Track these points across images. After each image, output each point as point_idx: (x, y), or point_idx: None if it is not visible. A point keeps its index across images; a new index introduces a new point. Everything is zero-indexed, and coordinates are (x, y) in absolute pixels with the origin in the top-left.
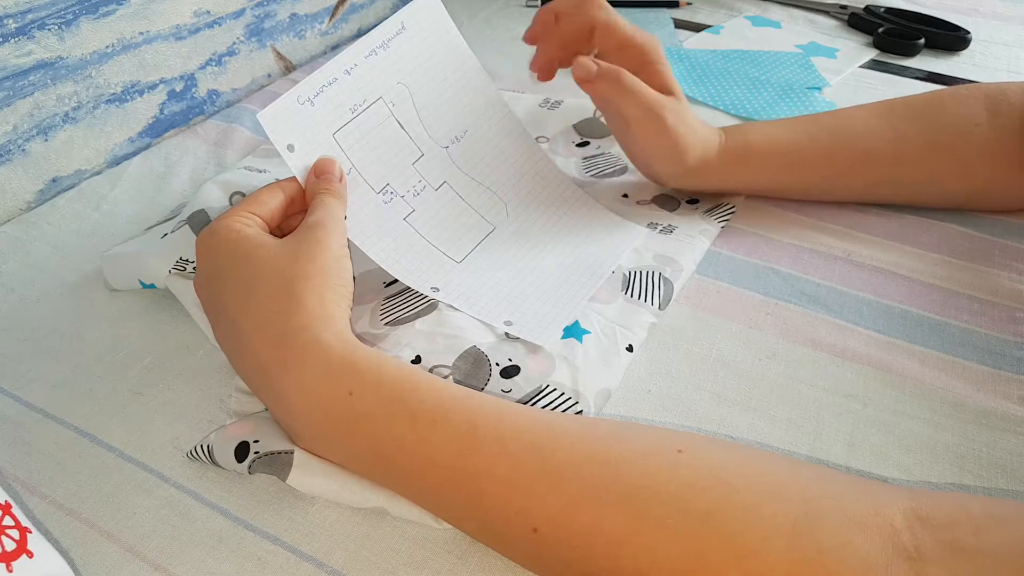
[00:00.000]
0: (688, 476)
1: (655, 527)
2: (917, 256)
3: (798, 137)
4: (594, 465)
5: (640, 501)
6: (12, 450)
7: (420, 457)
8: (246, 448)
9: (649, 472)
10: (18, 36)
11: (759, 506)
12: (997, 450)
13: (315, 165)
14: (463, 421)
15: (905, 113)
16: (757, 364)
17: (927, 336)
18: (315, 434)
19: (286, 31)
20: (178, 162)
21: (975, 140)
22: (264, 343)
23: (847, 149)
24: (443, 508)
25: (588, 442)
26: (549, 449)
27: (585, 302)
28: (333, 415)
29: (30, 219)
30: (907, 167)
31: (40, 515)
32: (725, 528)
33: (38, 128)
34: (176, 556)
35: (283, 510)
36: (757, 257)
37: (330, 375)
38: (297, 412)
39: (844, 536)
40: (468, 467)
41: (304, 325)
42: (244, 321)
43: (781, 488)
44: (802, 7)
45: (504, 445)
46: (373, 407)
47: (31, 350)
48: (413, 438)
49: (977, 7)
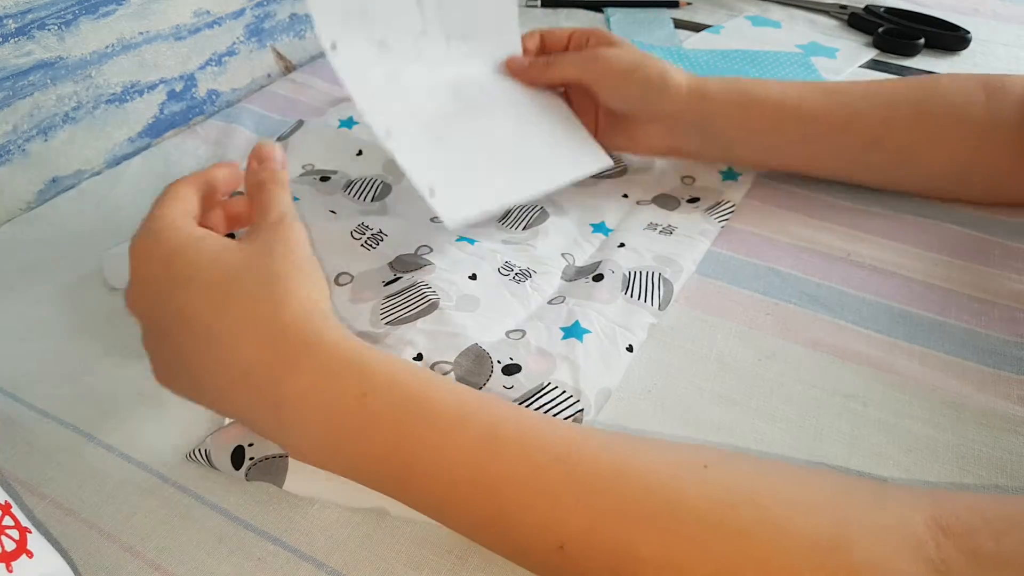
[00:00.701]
0: (717, 492)
1: (687, 546)
2: (917, 256)
3: (791, 92)
4: (622, 478)
5: (671, 518)
6: (12, 450)
7: (438, 463)
8: (241, 453)
9: (678, 488)
10: (18, 36)
11: (790, 521)
12: (997, 450)
13: (256, 150)
14: (485, 425)
15: (900, 85)
16: (757, 364)
17: (927, 336)
18: (317, 443)
19: (286, 31)
20: (178, 162)
21: (967, 114)
22: (254, 345)
23: (839, 106)
24: (460, 519)
25: (613, 454)
26: (574, 460)
27: (515, 200)
28: (340, 419)
29: (30, 219)
30: (897, 131)
31: (40, 515)
32: (757, 546)
33: (38, 128)
34: (176, 556)
35: (283, 510)
36: (757, 257)
37: (338, 374)
38: (297, 418)
39: (875, 551)
40: (490, 473)
41: (301, 321)
42: (223, 326)
43: (809, 502)
44: (802, 7)
45: (527, 452)
46: (387, 409)
47: (31, 350)
48: (432, 441)
49: (977, 7)
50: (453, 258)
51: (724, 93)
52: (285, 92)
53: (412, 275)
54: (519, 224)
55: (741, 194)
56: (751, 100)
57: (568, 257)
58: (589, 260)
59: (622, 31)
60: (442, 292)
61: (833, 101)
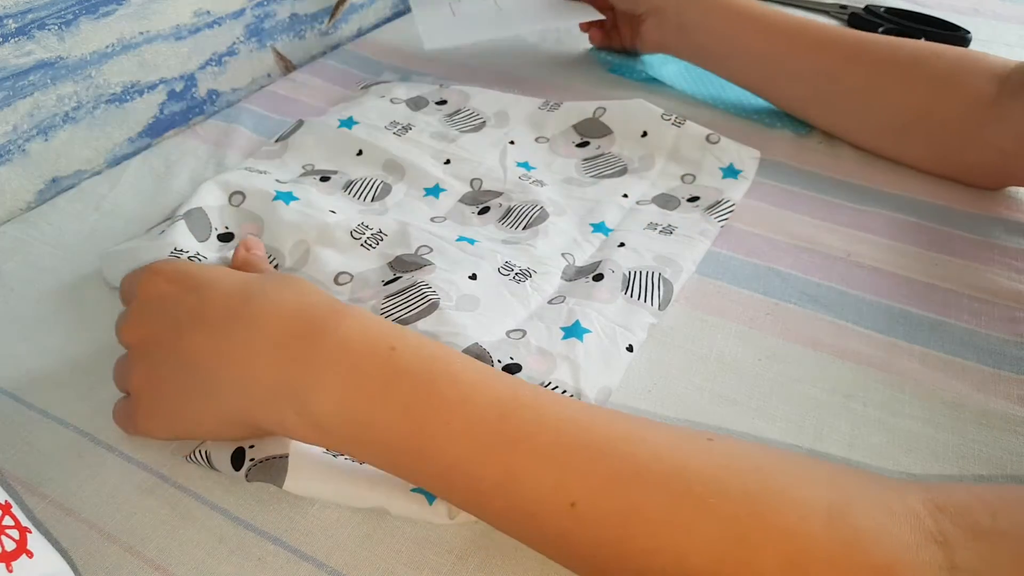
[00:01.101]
0: (723, 459)
1: (694, 507)
2: (917, 256)
3: (771, 9)
4: (632, 444)
5: (680, 481)
6: (12, 450)
7: (459, 418)
8: (242, 454)
9: (686, 455)
10: (18, 36)
11: (794, 489)
12: (997, 450)
13: (244, 241)
14: (505, 388)
15: (878, 36)
16: (757, 364)
17: (927, 336)
18: (339, 404)
19: (286, 31)
20: (178, 162)
21: (932, 66)
22: (286, 318)
23: (811, 30)
24: (471, 484)
25: (624, 423)
26: (587, 423)
27: (491, 36)
28: (368, 370)
29: (30, 219)
30: (860, 66)
31: (40, 515)
32: (763, 509)
33: (38, 128)
34: (176, 556)
35: (283, 510)
36: (757, 257)
37: (370, 329)
38: (326, 377)
39: (876, 519)
40: (508, 433)
41: (328, 297)
42: (250, 309)
43: (811, 474)
44: (802, 7)
45: (543, 415)
46: (414, 362)
47: (31, 350)
48: (454, 397)
49: (977, 7)
50: (453, 258)
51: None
52: (285, 92)
53: (412, 275)
54: (519, 224)
55: (741, 193)
56: (725, 4)
57: (568, 257)
58: (589, 260)
59: None
60: (442, 292)
61: (804, 26)
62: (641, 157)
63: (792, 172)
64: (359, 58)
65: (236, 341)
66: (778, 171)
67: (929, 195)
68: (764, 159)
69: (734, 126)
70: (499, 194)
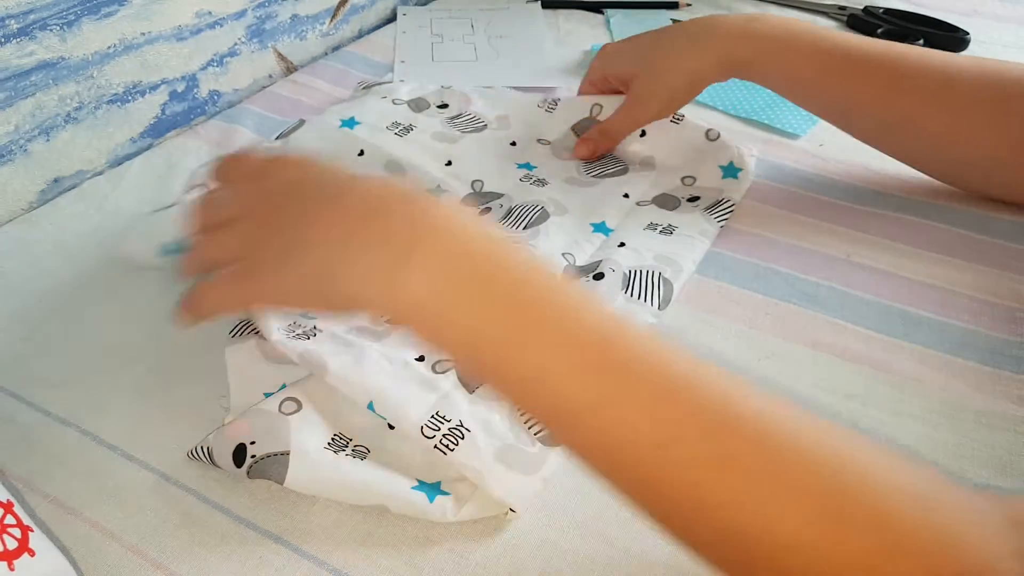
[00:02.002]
0: (822, 434)
1: (797, 474)
2: (917, 256)
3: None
4: (735, 401)
5: (784, 448)
6: (14, 449)
7: (559, 331)
8: (243, 451)
9: (789, 419)
10: (20, 36)
11: (892, 477)
12: (997, 449)
13: None
14: (610, 316)
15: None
16: (757, 364)
17: (927, 336)
18: (439, 286)
19: (287, 32)
20: (179, 162)
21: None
22: (389, 197)
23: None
24: (556, 400)
25: (727, 380)
26: (690, 369)
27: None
28: (475, 251)
29: (32, 219)
30: (942, 112)
31: (42, 514)
32: (867, 491)
33: (40, 128)
34: (177, 555)
35: (284, 509)
36: (757, 257)
37: (473, 225)
38: (429, 259)
39: (968, 521)
40: (610, 357)
41: (428, 195)
42: (354, 183)
43: (905, 465)
44: (801, 8)
45: (649, 351)
46: (517, 268)
47: (32, 350)
48: (555, 311)
49: (976, 8)
50: None
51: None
52: (286, 93)
53: None
54: (519, 223)
55: (741, 193)
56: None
57: (568, 256)
58: (589, 259)
59: (621, 32)
60: None
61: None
62: (641, 158)
63: (792, 172)
64: (360, 59)
65: (338, 211)
66: (778, 171)
67: (929, 195)
68: (764, 159)
69: (734, 126)
70: (500, 195)
